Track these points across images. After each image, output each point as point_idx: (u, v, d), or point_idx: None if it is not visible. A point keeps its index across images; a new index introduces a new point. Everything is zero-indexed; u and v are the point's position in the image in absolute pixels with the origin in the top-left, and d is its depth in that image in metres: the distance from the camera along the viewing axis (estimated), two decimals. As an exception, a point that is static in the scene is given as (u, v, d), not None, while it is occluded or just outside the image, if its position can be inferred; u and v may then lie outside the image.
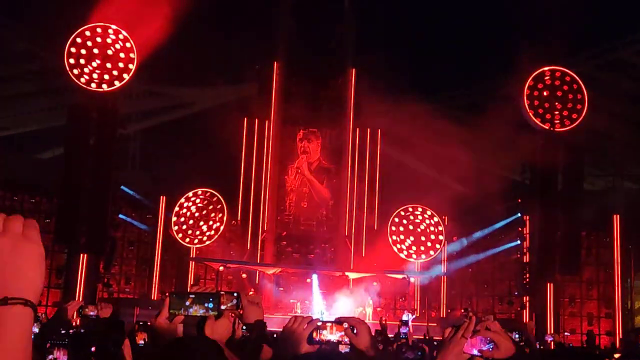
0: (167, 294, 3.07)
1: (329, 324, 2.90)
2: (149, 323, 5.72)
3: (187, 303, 2.82)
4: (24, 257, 1.43)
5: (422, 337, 17.72)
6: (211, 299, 2.84)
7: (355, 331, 2.78)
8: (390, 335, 15.79)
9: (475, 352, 2.59)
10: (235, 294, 3.04)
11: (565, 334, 24.53)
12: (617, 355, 13.10)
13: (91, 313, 7.60)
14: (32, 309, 1.43)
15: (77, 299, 23.43)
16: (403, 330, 14.81)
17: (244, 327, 3.24)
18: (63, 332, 6.31)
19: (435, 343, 13.65)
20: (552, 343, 17.09)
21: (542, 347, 15.52)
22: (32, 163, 33.24)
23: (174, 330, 2.82)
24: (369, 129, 32.48)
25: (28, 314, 1.41)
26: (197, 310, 2.81)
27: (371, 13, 34.78)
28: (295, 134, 32.23)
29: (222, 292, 2.95)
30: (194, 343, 2.53)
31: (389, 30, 38.74)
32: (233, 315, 3.20)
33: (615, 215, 28.92)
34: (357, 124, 32.36)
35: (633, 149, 31.54)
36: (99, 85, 24.95)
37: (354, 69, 32.35)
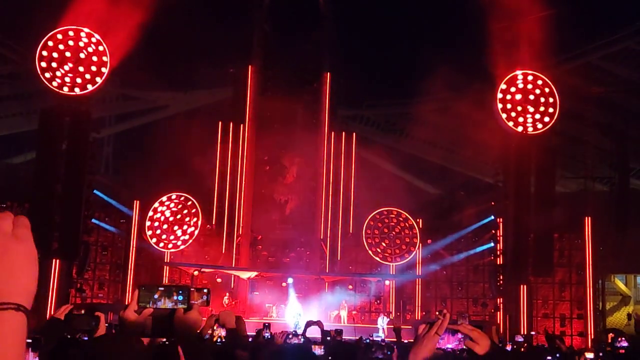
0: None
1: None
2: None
3: (156, 296, 2.81)
4: (15, 258, 1.33)
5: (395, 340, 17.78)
6: (180, 292, 2.83)
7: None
8: (368, 340, 15.91)
9: (448, 347, 2.64)
10: (205, 291, 3.05)
11: (531, 333, 24.74)
12: (588, 354, 13.30)
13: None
14: (25, 314, 1.33)
15: (49, 305, 23.18)
16: (377, 335, 14.88)
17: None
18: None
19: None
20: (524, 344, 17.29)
21: (514, 347, 15.72)
22: (4, 168, 32.81)
23: (142, 323, 2.81)
24: (344, 133, 32.59)
25: (21, 320, 1.32)
26: (165, 303, 2.80)
27: (347, 18, 34.95)
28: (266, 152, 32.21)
29: (192, 289, 2.95)
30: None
31: (364, 36, 38.93)
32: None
33: (586, 218, 29.30)
34: (332, 128, 32.44)
35: (604, 152, 32.02)
36: (71, 89, 24.70)
37: (329, 74, 32.43)
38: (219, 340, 6.53)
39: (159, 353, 3.40)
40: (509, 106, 26.64)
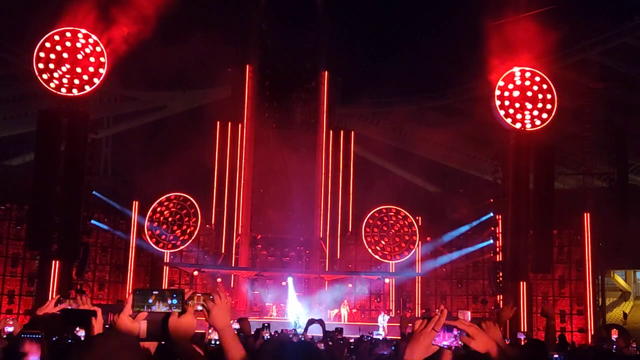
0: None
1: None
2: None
3: (150, 300, 2.81)
4: None
5: (400, 338, 17.80)
6: (175, 296, 2.83)
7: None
8: (369, 337, 15.92)
9: (444, 344, 2.64)
10: (212, 297, 3.05)
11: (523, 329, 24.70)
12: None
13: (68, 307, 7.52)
14: None
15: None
16: (377, 333, 14.90)
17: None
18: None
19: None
20: (524, 341, 17.27)
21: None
22: (3, 170, 32.81)
23: (137, 327, 2.81)
24: (342, 131, 32.56)
25: None
26: (160, 307, 2.80)
27: (344, 17, 34.95)
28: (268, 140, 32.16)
29: (199, 294, 2.96)
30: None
31: (362, 34, 38.94)
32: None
33: (585, 214, 29.31)
34: (330, 127, 32.42)
35: (602, 148, 32.01)
36: (69, 90, 24.67)
37: (327, 72, 32.39)
38: (212, 342, 6.53)
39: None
40: (507, 103, 26.63)
